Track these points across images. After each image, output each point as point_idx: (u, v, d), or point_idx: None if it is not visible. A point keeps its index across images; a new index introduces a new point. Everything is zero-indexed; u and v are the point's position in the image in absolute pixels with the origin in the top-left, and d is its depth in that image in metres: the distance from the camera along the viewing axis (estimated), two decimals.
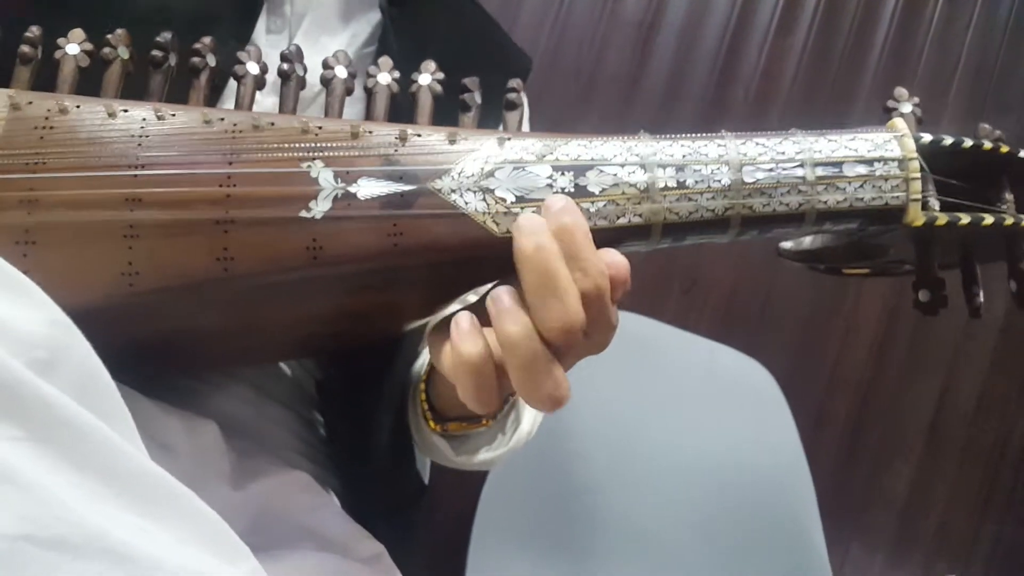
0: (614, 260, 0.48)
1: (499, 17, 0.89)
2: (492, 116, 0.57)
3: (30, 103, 0.52)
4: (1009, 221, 0.53)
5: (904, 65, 1.68)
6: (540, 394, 0.47)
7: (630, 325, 1.39)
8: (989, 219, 0.53)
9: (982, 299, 0.55)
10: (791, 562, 1.28)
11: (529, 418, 0.73)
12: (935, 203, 0.53)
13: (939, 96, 1.67)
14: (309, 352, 0.71)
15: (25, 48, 0.55)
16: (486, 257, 0.50)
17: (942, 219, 0.52)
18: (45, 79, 0.55)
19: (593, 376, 1.31)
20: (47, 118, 0.52)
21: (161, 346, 0.55)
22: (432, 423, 0.69)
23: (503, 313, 0.47)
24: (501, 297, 0.47)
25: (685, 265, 1.61)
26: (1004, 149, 0.55)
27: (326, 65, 0.56)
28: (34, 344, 0.39)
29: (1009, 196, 0.54)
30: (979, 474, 1.72)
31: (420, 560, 0.80)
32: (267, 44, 0.73)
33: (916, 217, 0.52)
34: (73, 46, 0.55)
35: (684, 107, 1.62)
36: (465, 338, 0.48)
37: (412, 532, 0.85)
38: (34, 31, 0.55)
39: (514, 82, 0.56)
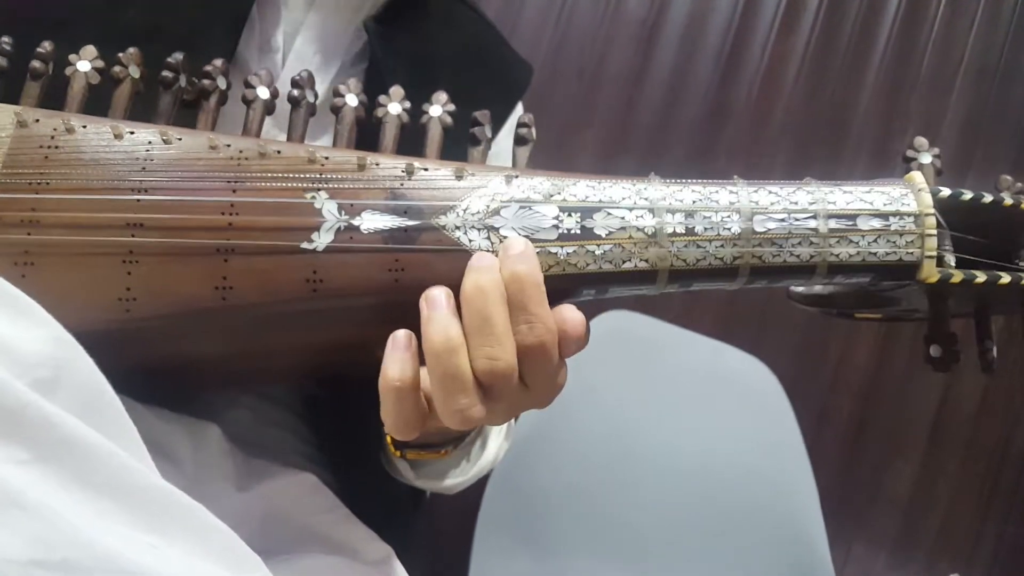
0: (570, 317, 0.48)
1: (501, 17, 0.88)
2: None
3: (37, 121, 0.52)
4: None
5: (906, 66, 1.66)
6: (450, 408, 0.46)
7: (633, 324, 1.39)
8: (1006, 279, 0.51)
9: (995, 354, 0.54)
10: (793, 561, 1.28)
11: (495, 445, 0.73)
12: (951, 259, 0.51)
13: (941, 97, 1.66)
14: (307, 377, 0.71)
15: (36, 64, 0.54)
16: None
17: (957, 276, 0.51)
18: (52, 96, 0.55)
19: (596, 376, 1.31)
20: (53, 137, 0.51)
21: (157, 371, 0.55)
22: (393, 447, 0.69)
23: (431, 317, 0.46)
24: (436, 300, 0.47)
25: None
26: None
27: (336, 93, 0.55)
28: (37, 363, 0.39)
29: None
30: (982, 473, 1.72)
31: (423, 559, 0.80)
32: (259, 64, 0.71)
33: (931, 275, 0.51)
34: (84, 63, 0.55)
35: (687, 106, 1.61)
36: (394, 358, 0.47)
37: (413, 532, 0.85)
38: (46, 46, 0.55)
39: (525, 117, 0.55)
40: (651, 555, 1.24)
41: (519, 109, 0.83)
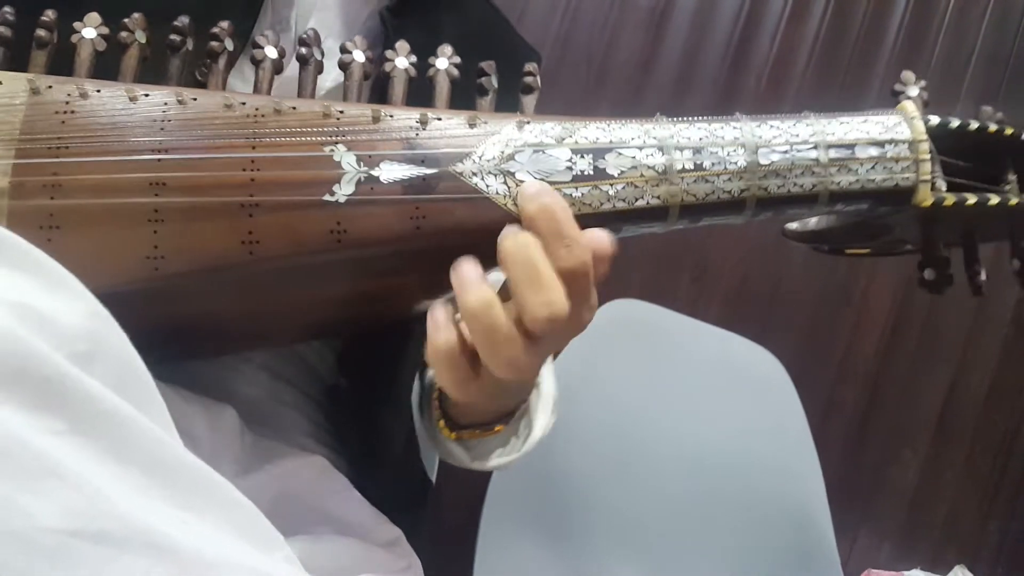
0: (597, 235, 0.50)
1: (509, 3, 0.89)
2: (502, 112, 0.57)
3: (50, 87, 0.53)
4: (1013, 201, 0.56)
5: (918, 52, 1.69)
6: (499, 359, 0.49)
7: (640, 313, 1.40)
8: (995, 199, 0.56)
9: (984, 277, 0.58)
10: (799, 550, 1.31)
11: (542, 423, 0.74)
12: (942, 184, 0.55)
13: (953, 83, 1.68)
14: (328, 333, 0.73)
15: (41, 32, 0.56)
16: None
17: (950, 200, 0.55)
18: (59, 65, 0.56)
19: (602, 365, 1.32)
20: (68, 102, 0.53)
21: (182, 329, 0.57)
22: (448, 431, 0.71)
23: (464, 285, 0.49)
24: (463, 269, 0.50)
25: (695, 252, 1.62)
26: (1008, 131, 0.58)
27: (344, 50, 0.58)
28: (75, 337, 0.40)
29: (1012, 177, 0.57)
30: (988, 465, 1.75)
31: (429, 545, 0.81)
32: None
33: (925, 198, 0.55)
34: (90, 30, 0.56)
35: (696, 94, 1.64)
36: (439, 328, 0.50)
37: (420, 520, 0.86)
38: (49, 15, 0.56)
39: (530, 66, 0.58)
40: (657, 542, 1.26)
41: None
